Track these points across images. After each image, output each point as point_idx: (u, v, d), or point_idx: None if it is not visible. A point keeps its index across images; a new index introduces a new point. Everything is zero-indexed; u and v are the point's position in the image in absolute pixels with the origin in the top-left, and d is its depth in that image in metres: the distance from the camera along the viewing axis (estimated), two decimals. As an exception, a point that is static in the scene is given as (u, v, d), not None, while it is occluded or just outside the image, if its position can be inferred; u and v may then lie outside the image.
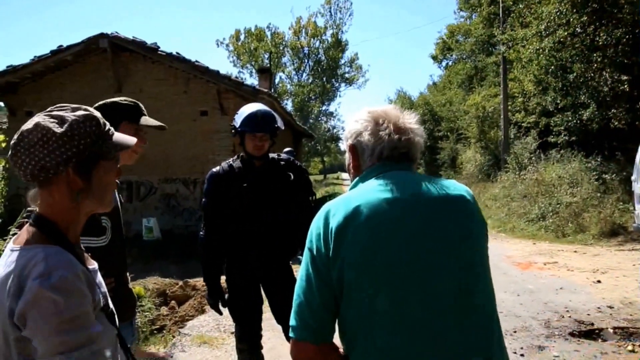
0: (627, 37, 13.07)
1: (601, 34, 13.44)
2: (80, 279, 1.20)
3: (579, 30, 13.74)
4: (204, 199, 3.21)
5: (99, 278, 1.36)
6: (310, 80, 46.37)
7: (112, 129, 1.37)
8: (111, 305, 1.34)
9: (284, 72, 45.73)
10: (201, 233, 3.22)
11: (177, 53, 11.15)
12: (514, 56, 18.54)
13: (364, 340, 1.33)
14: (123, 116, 2.32)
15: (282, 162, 3.24)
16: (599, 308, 6.03)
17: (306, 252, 1.44)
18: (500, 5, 21.60)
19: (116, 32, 11.20)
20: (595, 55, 13.86)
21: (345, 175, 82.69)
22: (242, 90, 11.41)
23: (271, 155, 3.24)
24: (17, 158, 1.23)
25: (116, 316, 1.35)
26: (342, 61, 47.63)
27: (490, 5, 25.59)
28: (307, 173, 3.41)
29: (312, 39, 45.58)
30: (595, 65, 13.79)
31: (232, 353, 4.68)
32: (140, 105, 2.41)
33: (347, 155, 1.64)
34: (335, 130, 53.48)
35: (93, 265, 1.37)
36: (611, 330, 5.22)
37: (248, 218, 3.09)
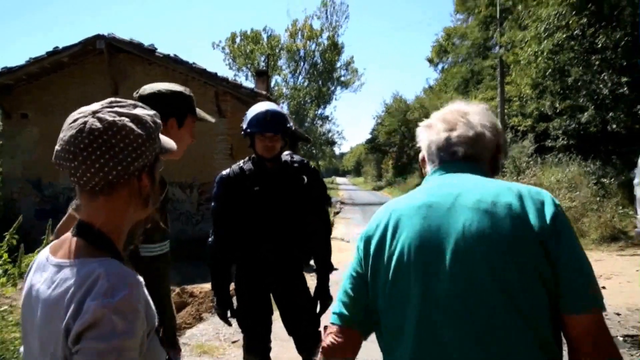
0: (626, 39, 13.05)
1: (600, 36, 13.41)
2: (141, 298, 1.07)
3: (578, 32, 13.70)
4: (213, 204, 3.07)
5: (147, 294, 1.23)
6: (306, 84, 46.25)
7: None
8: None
9: (280, 75, 45.62)
10: (210, 239, 3.08)
11: (175, 55, 11.03)
12: (512, 59, 18.51)
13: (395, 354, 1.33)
14: (189, 108, 2.15)
15: (296, 165, 3.10)
16: (606, 315, 5.92)
17: (355, 247, 1.47)
18: (498, 7, 21.57)
19: (113, 34, 11.07)
20: (594, 57, 13.84)
21: (339, 180, 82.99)
22: (240, 92, 11.29)
23: (284, 157, 3.11)
24: (80, 163, 1.06)
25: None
26: (338, 64, 47.61)
27: (488, 7, 25.55)
28: (321, 176, 3.28)
29: (308, 42, 45.50)
30: (595, 67, 13.76)
31: (235, 363, 4.55)
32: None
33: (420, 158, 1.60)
34: (330, 134, 53.44)
35: (140, 278, 1.24)
36: (621, 339, 5.12)
37: (260, 223, 2.96)
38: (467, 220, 1.25)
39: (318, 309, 3.15)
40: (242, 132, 3.02)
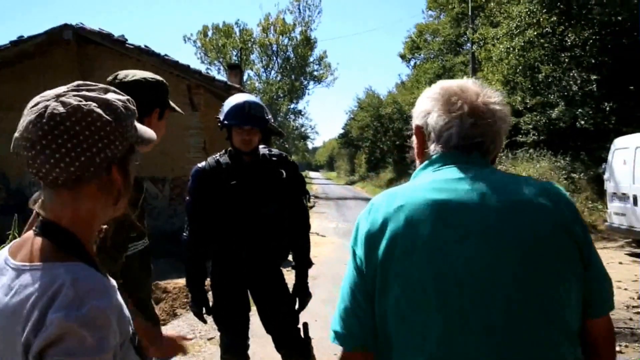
0: (594, 37, 13.29)
1: (569, 35, 13.62)
2: (113, 307, 0.94)
3: (548, 30, 13.90)
4: (187, 198, 2.96)
5: (121, 298, 1.08)
6: (278, 78, 45.98)
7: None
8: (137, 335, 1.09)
9: (252, 70, 45.26)
10: (184, 234, 2.96)
11: (146, 46, 10.78)
12: (483, 55, 18.69)
13: None
14: (165, 99, 2.04)
15: (274, 158, 3.01)
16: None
17: (350, 250, 1.24)
18: (470, 4, 21.75)
19: (81, 23, 10.75)
20: (563, 55, 14.06)
21: (313, 174, 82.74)
22: (213, 85, 11.09)
23: (261, 150, 3.02)
24: (39, 152, 0.93)
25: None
26: (311, 59, 47.43)
27: (461, 4, 25.76)
28: (299, 170, 3.19)
29: (280, 36, 45.20)
30: (564, 65, 13.98)
31: (211, 361, 4.45)
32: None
33: (413, 139, 1.37)
34: (303, 129, 53.30)
35: (113, 282, 1.09)
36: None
37: (237, 218, 2.86)
38: (499, 223, 1.11)
39: (297, 306, 3.07)
40: (219, 124, 2.91)
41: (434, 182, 1.19)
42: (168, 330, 5.40)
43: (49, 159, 0.93)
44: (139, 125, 1.10)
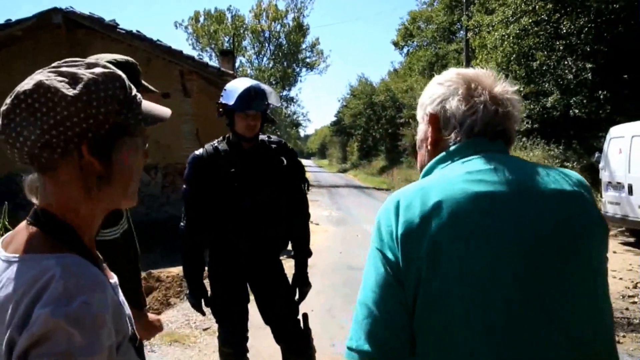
0: (589, 25, 13.24)
1: (565, 22, 13.56)
2: (108, 304, 0.87)
3: (544, 18, 13.84)
4: (184, 186, 2.86)
5: (122, 296, 1.01)
6: (271, 65, 45.73)
7: (139, 95, 1.02)
8: (137, 334, 1.00)
9: (244, 56, 44.92)
10: (182, 224, 2.87)
11: (138, 31, 10.59)
12: (477, 43, 18.61)
13: None
14: (137, 80, 1.94)
15: (274, 145, 2.92)
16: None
17: (374, 253, 1.10)
18: (464, -9, 21.61)
19: (71, 7, 10.53)
20: (558, 43, 14.01)
21: (305, 162, 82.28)
22: (206, 72, 10.94)
23: (261, 136, 2.93)
24: (8, 131, 0.88)
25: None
26: (304, 46, 47.20)
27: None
28: (298, 157, 3.11)
29: (273, 23, 44.87)
30: (559, 53, 13.93)
31: (207, 352, 4.39)
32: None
33: (422, 128, 1.27)
34: (295, 116, 53.13)
35: (114, 279, 1.02)
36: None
37: (235, 206, 2.77)
38: (550, 213, 1.05)
39: (296, 296, 3.01)
40: (220, 110, 2.81)
41: (469, 174, 1.09)
42: (162, 320, 5.33)
43: (12, 138, 0.89)
44: (145, 103, 1.02)
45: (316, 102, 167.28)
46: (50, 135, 0.87)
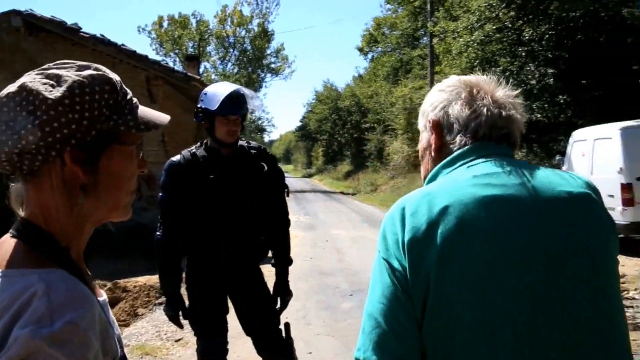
0: (551, 32, 13.60)
1: (527, 29, 13.90)
2: (94, 324, 0.80)
3: (508, 24, 14.16)
4: (160, 194, 2.76)
5: (111, 315, 0.94)
6: (235, 70, 45.45)
7: (135, 99, 0.96)
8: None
9: (208, 62, 44.53)
10: (158, 233, 2.77)
11: (102, 35, 10.34)
12: (442, 49, 18.89)
13: None
14: None
15: (253, 151, 2.85)
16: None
17: (380, 262, 1.07)
18: (429, -2, 21.92)
19: (30, 10, 10.21)
20: (520, 49, 14.34)
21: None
22: (172, 77, 10.75)
23: (240, 142, 2.86)
24: None
25: None
26: (268, 51, 47.08)
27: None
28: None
29: (237, 28, 44.64)
30: (522, 59, 14.26)
31: (182, 364, 4.27)
32: None
33: (425, 136, 1.25)
34: (260, 122, 52.89)
35: (102, 296, 0.94)
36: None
37: (215, 214, 2.69)
38: (559, 216, 1.03)
39: (278, 305, 2.94)
40: (199, 114, 2.73)
41: (477, 177, 1.07)
42: (132, 332, 5.17)
43: None
44: (142, 109, 0.96)
45: (281, 108, 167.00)
46: (28, 141, 0.81)
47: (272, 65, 48.08)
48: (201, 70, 38.04)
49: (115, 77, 0.93)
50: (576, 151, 10.02)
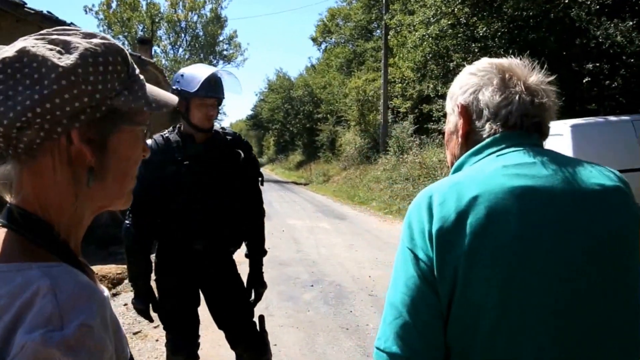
0: (503, 30, 13.90)
1: (481, 26, 14.15)
2: (107, 325, 0.70)
3: (462, 21, 14.38)
4: None
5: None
6: (187, 56, 44.44)
7: (142, 76, 0.84)
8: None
9: (159, 46, 43.30)
10: (127, 222, 2.61)
11: (49, 12, 9.82)
12: (396, 42, 19.03)
13: None
14: None
15: (229, 137, 2.72)
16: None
17: (404, 252, 1.03)
18: (384, -10, 22.01)
19: (-29, -17, 9.59)
20: (474, 45, 14.60)
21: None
22: (125, 59, 10.39)
23: (215, 128, 2.72)
24: None
25: None
26: (221, 38, 46.33)
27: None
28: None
29: (190, 13, 43.64)
30: (476, 54, 14.51)
31: (141, 359, 4.10)
32: None
33: (452, 120, 1.20)
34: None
35: (106, 292, 0.83)
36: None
37: (189, 204, 2.55)
38: (592, 210, 1.00)
39: (252, 298, 2.84)
40: (177, 97, 2.57)
41: (507, 168, 1.03)
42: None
43: None
44: (149, 86, 0.85)
45: (233, 96, 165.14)
46: (34, 113, 0.70)
47: (225, 53, 47.40)
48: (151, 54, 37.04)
49: (124, 47, 0.82)
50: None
